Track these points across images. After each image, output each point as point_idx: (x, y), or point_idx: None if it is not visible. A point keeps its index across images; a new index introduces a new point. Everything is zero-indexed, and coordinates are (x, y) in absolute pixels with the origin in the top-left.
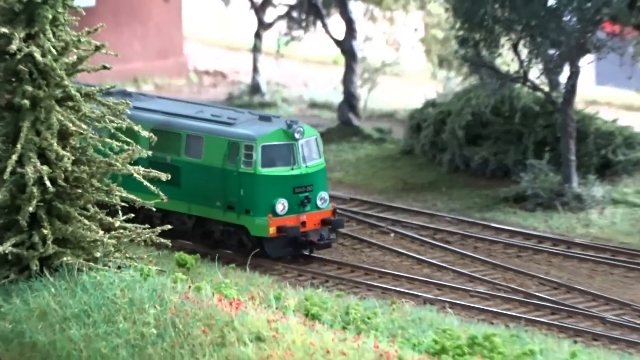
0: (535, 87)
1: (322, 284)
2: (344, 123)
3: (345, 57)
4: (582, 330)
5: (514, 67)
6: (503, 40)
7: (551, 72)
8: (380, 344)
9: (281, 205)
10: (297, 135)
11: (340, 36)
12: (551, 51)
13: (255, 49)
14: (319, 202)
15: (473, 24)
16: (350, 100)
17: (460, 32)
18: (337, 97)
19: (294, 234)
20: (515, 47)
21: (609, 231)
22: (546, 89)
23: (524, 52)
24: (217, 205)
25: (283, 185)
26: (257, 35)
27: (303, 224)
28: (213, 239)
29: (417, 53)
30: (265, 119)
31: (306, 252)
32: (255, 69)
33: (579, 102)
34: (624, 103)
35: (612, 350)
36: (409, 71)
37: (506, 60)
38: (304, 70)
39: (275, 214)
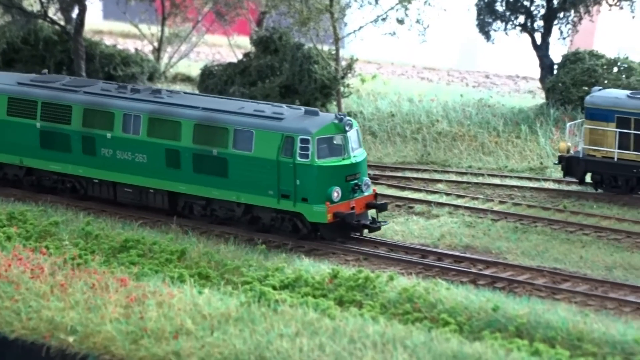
0: (53, 22)
1: None
2: None
3: None
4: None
5: (37, 7)
6: None
7: (65, 10)
8: None
9: (336, 193)
10: (347, 128)
11: None
12: None
13: None
14: (363, 188)
15: None
16: None
17: None
18: None
19: (350, 220)
20: None
21: None
22: (62, 23)
23: None
24: (270, 194)
25: (337, 175)
26: None
27: (352, 208)
28: (261, 224)
29: None
30: (312, 112)
31: (356, 235)
32: None
33: (88, 32)
34: (122, 32)
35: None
36: None
37: (30, 2)
38: None
39: (332, 202)
